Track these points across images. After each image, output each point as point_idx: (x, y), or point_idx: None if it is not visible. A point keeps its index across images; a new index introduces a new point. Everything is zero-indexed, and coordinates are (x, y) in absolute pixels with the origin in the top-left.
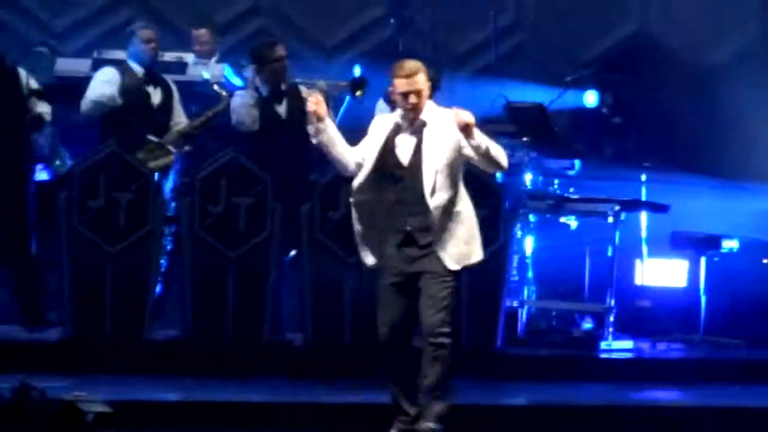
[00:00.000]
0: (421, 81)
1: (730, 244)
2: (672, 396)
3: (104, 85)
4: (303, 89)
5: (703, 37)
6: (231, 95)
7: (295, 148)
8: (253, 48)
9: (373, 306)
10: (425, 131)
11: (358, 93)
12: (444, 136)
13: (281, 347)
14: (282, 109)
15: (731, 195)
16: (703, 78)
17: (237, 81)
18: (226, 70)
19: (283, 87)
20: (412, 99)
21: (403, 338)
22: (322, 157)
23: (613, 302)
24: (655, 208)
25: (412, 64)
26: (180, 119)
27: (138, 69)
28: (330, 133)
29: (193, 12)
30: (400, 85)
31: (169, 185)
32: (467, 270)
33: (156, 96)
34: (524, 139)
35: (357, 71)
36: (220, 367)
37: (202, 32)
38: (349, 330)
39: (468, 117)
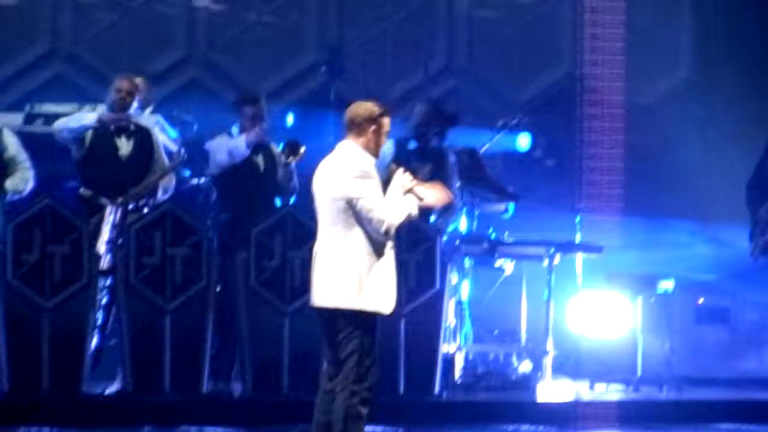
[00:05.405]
0: None
1: (666, 285)
2: None
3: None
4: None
5: (633, 79)
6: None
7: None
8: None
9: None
10: None
11: (290, 158)
12: None
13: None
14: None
15: (666, 234)
16: (634, 119)
17: (171, 132)
18: (159, 120)
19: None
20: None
21: None
22: None
23: (550, 344)
24: (589, 249)
25: None
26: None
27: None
28: None
29: (126, 63)
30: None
31: (104, 238)
32: (404, 317)
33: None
34: (457, 183)
35: (290, 119)
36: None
37: (138, 81)
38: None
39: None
